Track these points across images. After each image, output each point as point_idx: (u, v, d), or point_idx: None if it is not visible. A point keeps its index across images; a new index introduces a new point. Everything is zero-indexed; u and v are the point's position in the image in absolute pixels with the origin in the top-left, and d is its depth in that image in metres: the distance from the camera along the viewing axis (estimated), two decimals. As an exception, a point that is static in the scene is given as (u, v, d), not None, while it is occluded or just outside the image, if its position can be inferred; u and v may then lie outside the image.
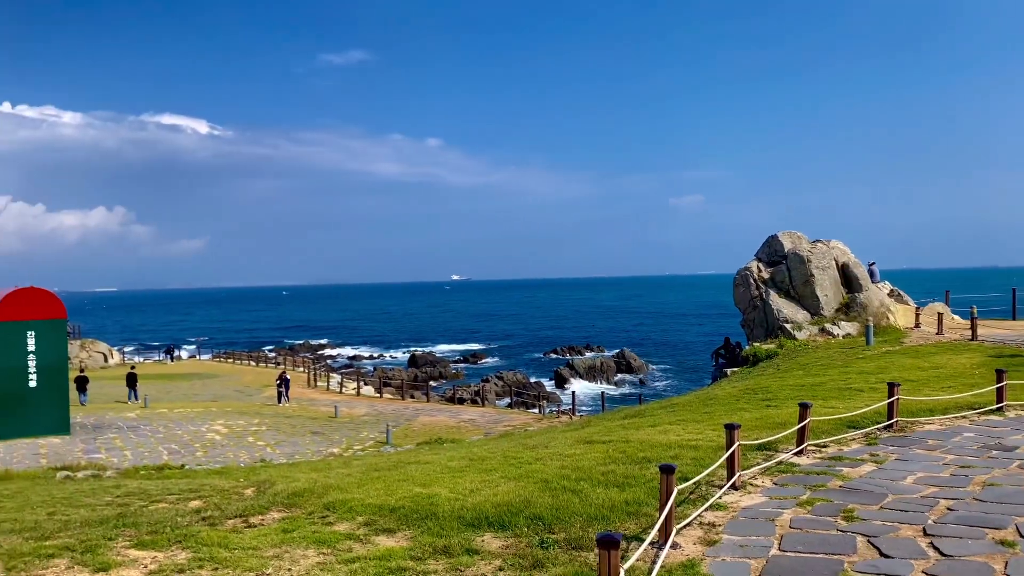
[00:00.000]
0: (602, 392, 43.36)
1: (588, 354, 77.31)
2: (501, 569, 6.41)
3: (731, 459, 8.71)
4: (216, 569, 6.49)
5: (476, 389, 47.74)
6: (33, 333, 24.90)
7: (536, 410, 35.95)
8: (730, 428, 8.74)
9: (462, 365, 79.33)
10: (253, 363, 59.81)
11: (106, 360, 58.80)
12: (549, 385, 59.37)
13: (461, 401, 42.09)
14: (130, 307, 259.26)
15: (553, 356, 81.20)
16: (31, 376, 24.82)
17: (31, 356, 24.89)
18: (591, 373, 61.42)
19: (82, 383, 33.63)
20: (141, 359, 68.23)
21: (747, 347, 28.54)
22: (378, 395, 42.25)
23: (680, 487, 7.53)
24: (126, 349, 73.76)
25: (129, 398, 34.99)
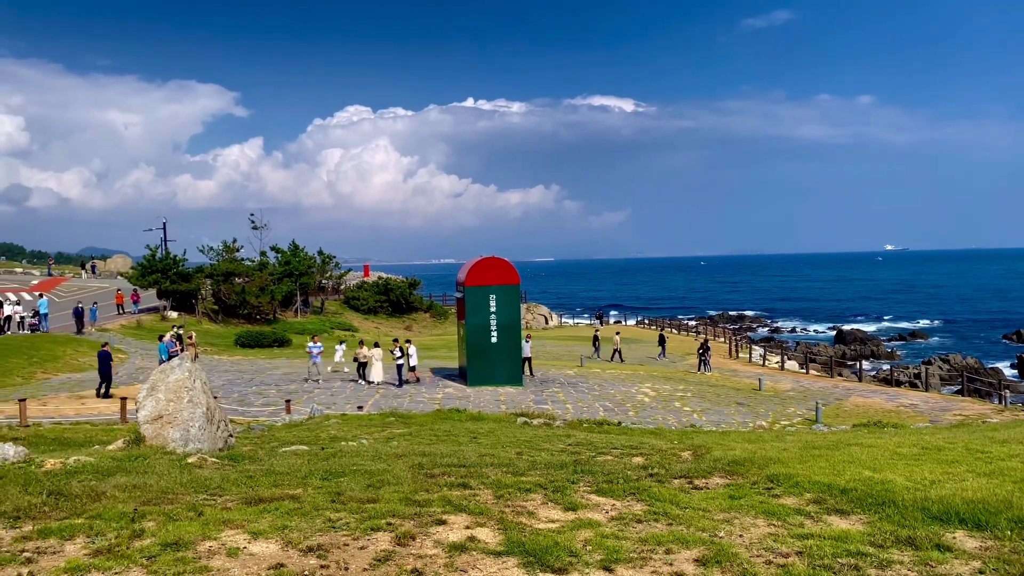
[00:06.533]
0: (1085, 385, 36.08)
1: (1063, 338, 64.91)
2: (981, 572, 5.69)
3: None
4: (670, 524, 6.83)
5: (916, 371, 43.21)
6: (494, 296, 28.76)
7: (995, 400, 31.25)
8: None
9: (896, 344, 72.47)
10: (674, 331, 61.60)
11: (546, 322, 65.58)
12: (1010, 372, 51.29)
13: (898, 383, 38.43)
14: (564, 275, 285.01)
15: (1014, 339, 69.82)
16: (493, 333, 28.73)
17: (492, 316, 28.78)
18: (1068, 361, 51.44)
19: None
20: (573, 322, 74.61)
21: None
22: (803, 371, 40.55)
23: None
24: (564, 317, 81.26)
25: (660, 356, 41.30)
